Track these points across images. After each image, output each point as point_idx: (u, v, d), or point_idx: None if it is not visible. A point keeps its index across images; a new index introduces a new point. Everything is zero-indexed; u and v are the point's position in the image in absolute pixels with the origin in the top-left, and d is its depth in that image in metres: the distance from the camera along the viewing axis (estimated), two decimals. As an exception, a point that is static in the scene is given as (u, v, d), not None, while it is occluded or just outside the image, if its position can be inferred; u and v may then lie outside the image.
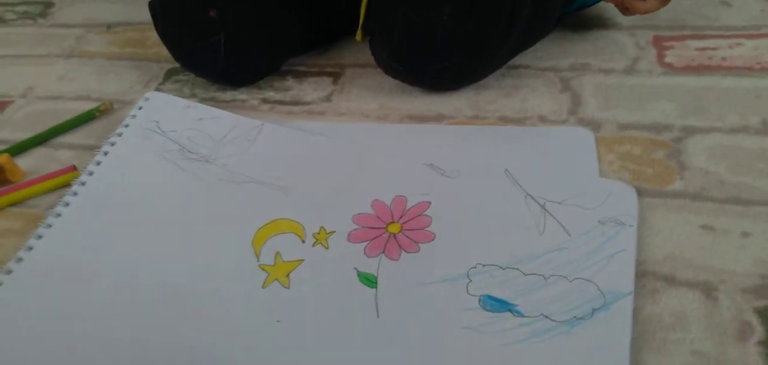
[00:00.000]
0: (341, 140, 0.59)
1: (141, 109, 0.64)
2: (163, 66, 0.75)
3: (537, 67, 0.67)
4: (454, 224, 0.50)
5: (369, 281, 0.47)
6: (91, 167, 0.58)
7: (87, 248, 0.51)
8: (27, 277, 0.50)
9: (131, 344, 0.44)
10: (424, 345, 0.43)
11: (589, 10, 0.73)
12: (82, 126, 0.67)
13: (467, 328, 0.43)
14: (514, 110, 0.62)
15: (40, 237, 0.52)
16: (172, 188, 0.56)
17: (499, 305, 0.44)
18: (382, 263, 0.48)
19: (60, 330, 0.46)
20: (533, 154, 0.57)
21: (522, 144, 0.58)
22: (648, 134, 0.58)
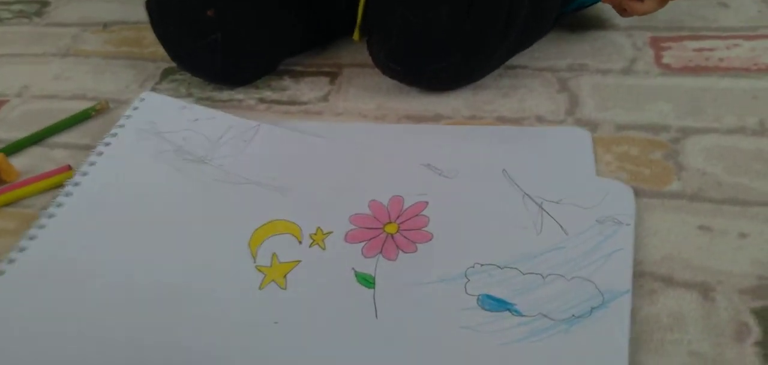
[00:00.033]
0: (338, 141, 0.59)
1: (136, 109, 0.64)
2: (160, 65, 0.74)
3: (534, 68, 0.67)
4: (452, 224, 0.50)
5: (367, 281, 0.46)
6: (85, 168, 0.58)
7: (81, 249, 0.51)
8: (19, 278, 0.49)
9: (126, 345, 0.44)
10: (423, 345, 0.42)
11: (587, 11, 0.73)
12: (77, 125, 0.66)
13: (466, 328, 0.43)
14: (511, 110, 0.62)
15: (33, 238, 0.52)
16: (168, 188, 0.56)
17: (498, 304, 0.44)
18: (380, 263, 0.48)
19: (53, 331, 0.45)
20: (530, 154, 0.57)
21: (519, 144, 0.58)
22: (645, 135, 0.58)
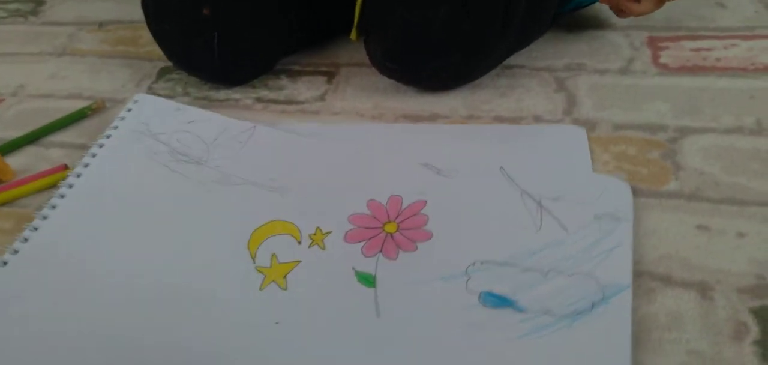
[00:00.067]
0: (335, 140, 0.59)
1: (130, 111, 0.63)
2: (156, 64, 0.74)
3: (532, 67, 0.67)
4: (451, 222, 0.50)
5: (367, 280, 0.46)
6: (78, 170, 0.57)
7: (75, 251, 0.50)
8: (11, 282, 0.48)
9: (125, 346, 0.44)
10: (425, 343, 0.42)
11: (584, 11, 0.73)
12: (73, 125, 0.66)
13: (468, 325, 0.43)
14: (509, 109, 0.62)
15: (26, 240, 0.51)
16: (163, 189, 0.55)
17: (500, 301, 0.44)
18: (380, 262, 0.48)
19: (46, 334, 0.45)
20: (527, 152, 0.57)
21: (515, 142, 0.58)
22: (643, 135, 0.58)
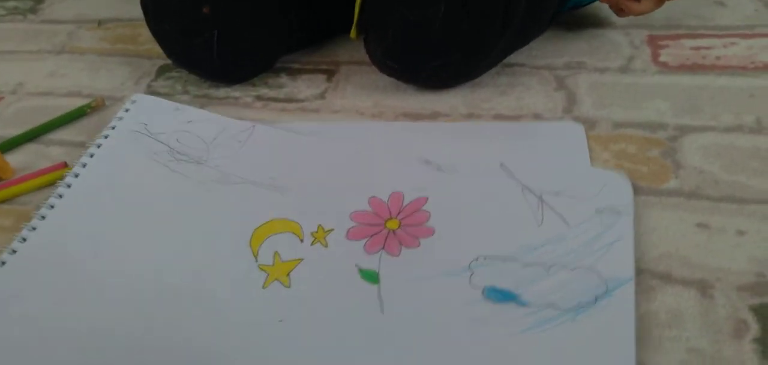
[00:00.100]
0: (336, 138, 0.59)
1: (127, 111, 0.63)
2: (156, 63, 0.74)
3: (532, 66, 0.67)
4: (453, 218, 0.50)
5: (371, 277, 0.46)
6: (76, 170, 0.57)
7: (76, 250, 0.50)
8: (9, 282, 0.48)
9: (126, 346, 0.44)
10: (430, 338, 0.43)
11: (584, 9, 0.73)
12: (73, 123, 0.66)
13: (473, 319, 0.43)
14: (509, 108, 0.62)
15: (25, 240, 0.51)
16: (163, 188, 0.55)
17: (503, 295, 0.44)
18: (383, 259, 0.48)
19: (47, 332, 0.45)
20: (526, 148, 0.57)
21: (514, 139, 0.58)
22: (643, 133, 0.58)
